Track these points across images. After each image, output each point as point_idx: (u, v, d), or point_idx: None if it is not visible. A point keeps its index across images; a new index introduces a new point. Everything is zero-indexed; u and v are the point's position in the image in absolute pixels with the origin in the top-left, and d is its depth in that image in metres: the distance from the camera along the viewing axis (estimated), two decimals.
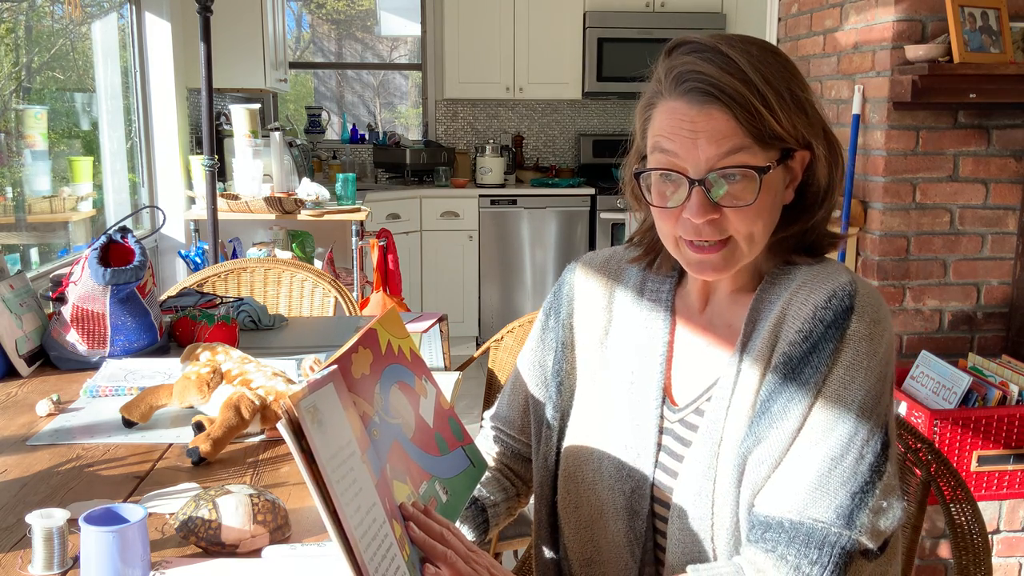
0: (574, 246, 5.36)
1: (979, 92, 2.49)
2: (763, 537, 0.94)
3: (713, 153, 0.94)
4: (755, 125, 0.93)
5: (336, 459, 0.78)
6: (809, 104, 0.98)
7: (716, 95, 0.93)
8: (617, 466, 1.07)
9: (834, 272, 1.00)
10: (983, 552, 1.26)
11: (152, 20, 3.92)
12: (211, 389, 1.46)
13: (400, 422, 0.96)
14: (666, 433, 1.06)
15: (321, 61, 9.07)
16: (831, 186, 1.02)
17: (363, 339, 0.94)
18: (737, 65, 0.94)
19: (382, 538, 0.82)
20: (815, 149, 0.99)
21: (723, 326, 1.06)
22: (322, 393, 0.80)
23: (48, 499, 1.22)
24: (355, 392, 0.88)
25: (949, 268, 2.73)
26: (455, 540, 0.91)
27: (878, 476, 0.93)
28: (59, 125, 3.56)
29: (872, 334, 0.95)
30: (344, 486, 0.78)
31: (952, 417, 2.35)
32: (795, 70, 0.99)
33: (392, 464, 0.91)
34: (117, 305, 1.81)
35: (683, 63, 0.96)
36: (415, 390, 1.02)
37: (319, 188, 3.99)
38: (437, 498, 0.98)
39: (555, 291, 1.21)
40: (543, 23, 5.42)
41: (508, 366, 2.23)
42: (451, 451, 1.05)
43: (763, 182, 0.94)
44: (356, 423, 0.85)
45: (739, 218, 0.96)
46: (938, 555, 2.59)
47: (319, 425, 0.77)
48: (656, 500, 1.06)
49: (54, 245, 3.41)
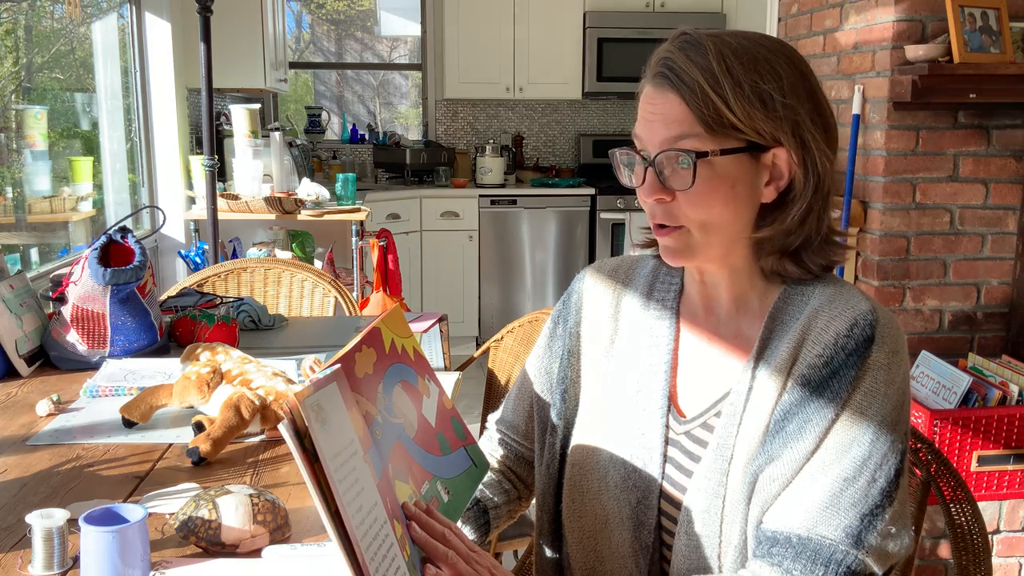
0: (574, 246, 5.36)
1: (979, 92, 2.49)
2: (769, 552, 0.94)
3: (664, 136, 0.97)
4: (702, 111, 0.94)
5: (339, 458, 0.78)
6: (773, 99, 0.96)
7: (671, 79, 0.96)
8: (623, 476, 1.07)
9: (853, 298, 1.00)
10: (983, 552, 1.26)
11: (152, 20, 3.92)
12: (211, 389, 1.46)
13: (403, 422, 0.96)
14: (672, 444, 1.06)
15: (321, 61, 9.07)
16: (809, 186, 0.99)
17: (367, 338, 0.94)
18: (704, 53, 0.96)
19: (383, 538, 0.81)
20: (786, 145, 0.97)
21: (730, 336, 1.06)
22: (326, 392, 0.80)
23: (48, 499, 1.22)
24: (358, 391, 0.88)
25: (949, 268, 2.73)
26: (456, 540, 0.91)
27: (889, 501, 0.93)
28: (59, 125, 3.56)
29: (891, 363, 0.96)
30: (347, 486, 0.78)
31: (952, 417, 2.35)
32: (778, 66, 0.97)
33: (394, 464, 0.90)
34: (117, 305, 1.81)
35: (664, 51, 0.99)
36: (418, 390, 1.02)
37: (319, 188, 3.99)
38: (439, 498, 0.98)
39: (564, 299, 1.22)
40: (543, 23, 5.42)
41: (508, 366, 2.22)
42: (453, 451, 1.04)
43: (701, 166, 0.95)
44: (359, 423, 0.85)
45: (688, 203, 0.98)
46: (938, 555, 2.59)
47: (323, 424, 0.77)
48: (663, 512, 1.05)
49: (54, 245, 3.42)
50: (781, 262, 1.02)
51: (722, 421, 1.01)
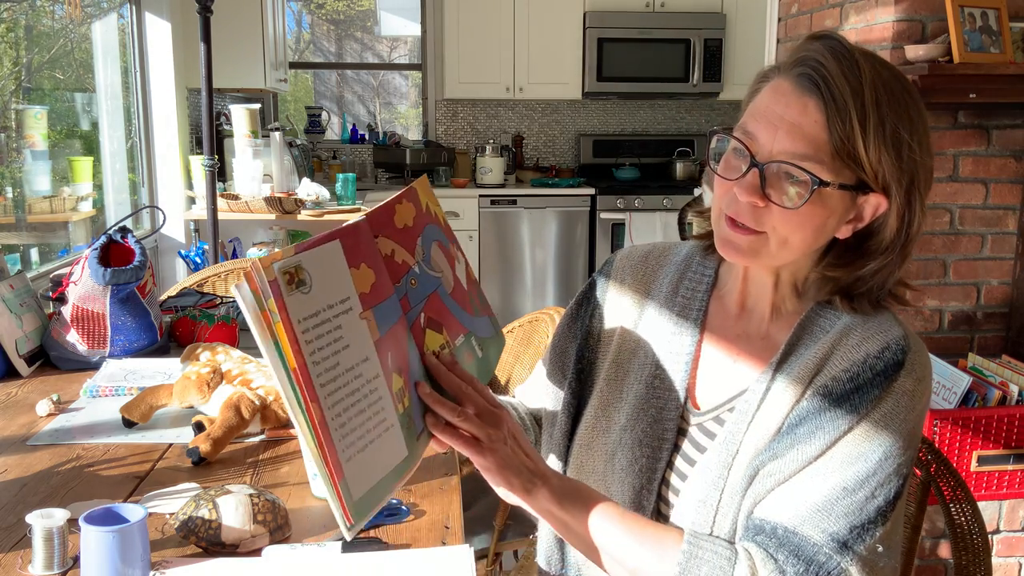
0: (574, 246, 5.36)
1: (979, 92, 2.49)
2: (754, 539, 0.94)
3: (787, 148, 0.93)
4: (840, 139, 0.91)
5: (316, 318, 0.79)
6: (908, 149, 0.93)
7: (821, 88, 0.91)
8: (630, 460, 1.07)
9: (888, 322, 0.99)
10: (983, 552, 1.26)
11: (152, 20, 3.92)
12: (211, 389, 1.47)
13: (441, 276, 0.98)
14: (683, 434, 1.06)
15: (321, 61, 9.07)
16: (897, 244, 0.98)
17: (406, 194, 0.96)
18: (859, 74, 0.92)
19: (366, 394, 0.83)
20: (891, 196, 0.95)
21: (758, 338, 1.05)
22: (317, 253, 0.81)
23: (48, 499, 1.22)
24: (395, 240, 0.91)
25: (949, 268, 2.73)
26: (474, 394, 0.92)
27: (883, 520, 0.93)
28: (59, 125, 3.56)
29: (915, 392, 0.96)
30: (319, 344, 0.79)
31: (952, 417, 2.35)
32: (916, 114, 0.95)
33: (428, 314, 0.93)
34: (117, 305, 1.81)
35: (813, 49, 0.94)
36: (451, 252, 1.03)
37: (319, 188, 3.99)
38: (474, 352, 1.00)
39: (590, 282, 1.22)
40: (543, 23, 5.42)
41: (508, 366, 2.22)
42: (482, 315, 1.07)
43: (815, 193, 0.92)
44: (370, 280, 0.86)
45: (782, 218, 0.95)
46: (938, 555, 2.59)
47: (299, 285, 0.78)
48: (662, 498, 1.06)
49: (54, 245, 3.42)
50: (833, 295, 1.01)
51: (734, 416, 1.01)
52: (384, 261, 0.89)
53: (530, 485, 0.94)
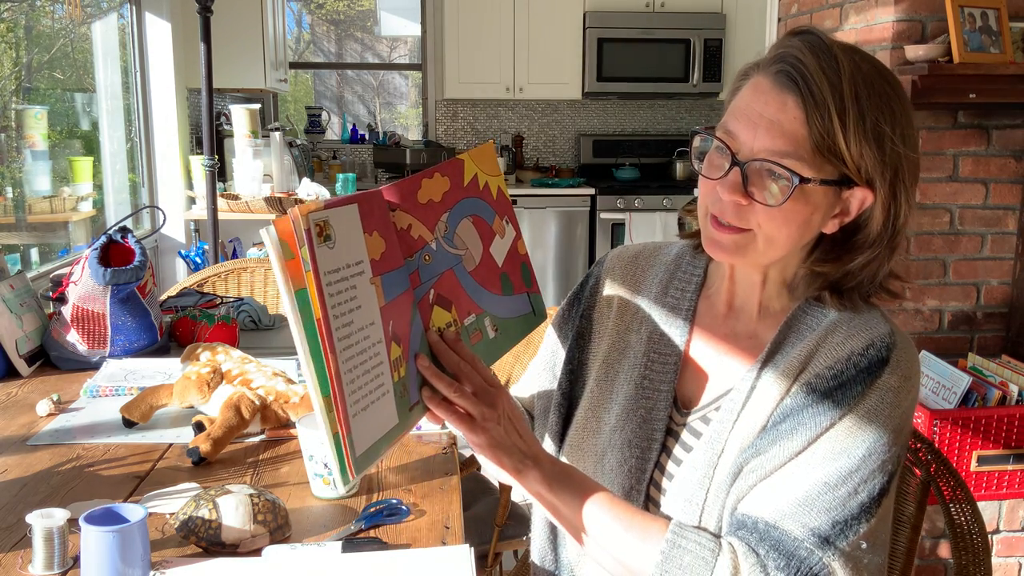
0: (574, 246, 5.36)
1: (979, 92, 2.49)
2: (736, 533, 0.95)
3: (767, 145, 0.92)
4: (820, 135, 0.90)
5: (337, 274, 0.82)
6: (890, 141, 0.93)
7: (799, 84, 0.91)
8: (619, 461, 1.08)
9: (875, 320, 0.99)
10: (983, 552, 1.26)
11: (152, 20, 3.92)
12: (211, 389, 1.47)
13: (462, 254, 0.99)
14: (672, 435, 1.07)
15: (321, 61, 9.07)
16: (884, 237, 0.97)
17: (444, 167, 0.97)
18: (837, 68, 0.91)
19: (371, 355, 0.85)
20: (876, 190, 0.94)
21: (746, 336, 1.06)
22: (340, 211, 0.83)
23: (48, 499, 1.22)
24: (414, 214, 0.92)
25: (949, 268, 2.73)
26: (473, 373, 0.93)
27: (867, 517, 0.92)
28: (59, 125, 3.56)
29: (900, 388, 0.95)
30: (339, 299, 0.82)
31: (952, 417, 2.35)
32: (898, 106, 0.94)
33: (438, 291, 0.94)
34: (117, 305, 1.81)
35: (791, 45, 0.94)
36: (492, 228, 1.03)
37: (319, 188, 4.00)
38: (484, 332, 1.01)
39: (582, 281, 1.22)
40: (543, 23, 5.42)
41: (508, 366, 2.22)
42: (515, 294, 1.07)
43: (797, 190, 0.92)
44: (380, 248, 0.87)
45: (766, 216, 0.94)
46: (938, 555, 2.59)
47: (326, 239, 0.81)
48: (649, 498, 1.06)
49: (54, 245, 3.42)
50: (823, 290, 1.01)
51: (719, 415, 1.01)
52: (397, 234, 0.90)
53: (521, 466, 0.95)
